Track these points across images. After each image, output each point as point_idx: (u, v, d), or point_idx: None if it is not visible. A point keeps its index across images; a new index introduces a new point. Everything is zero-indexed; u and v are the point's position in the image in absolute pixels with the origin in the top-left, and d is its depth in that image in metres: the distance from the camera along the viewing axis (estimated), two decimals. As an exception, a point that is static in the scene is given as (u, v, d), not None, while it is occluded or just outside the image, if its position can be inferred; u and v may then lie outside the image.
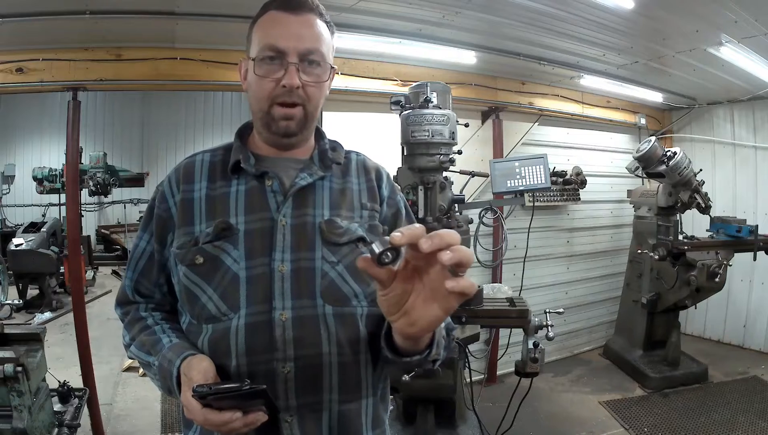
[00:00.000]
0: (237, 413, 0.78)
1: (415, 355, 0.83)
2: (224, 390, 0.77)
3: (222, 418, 0.78)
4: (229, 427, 0.79)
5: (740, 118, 4.74)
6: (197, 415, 0.79)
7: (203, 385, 0.78)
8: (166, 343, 0.92)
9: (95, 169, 6.49)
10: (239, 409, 0.79)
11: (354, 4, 2.55)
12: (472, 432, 2.52)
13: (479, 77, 3.79)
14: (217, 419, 0.78)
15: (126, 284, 1.05)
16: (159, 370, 0.90)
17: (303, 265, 0.91)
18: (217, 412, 0.78)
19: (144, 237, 1.02)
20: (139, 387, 3.72)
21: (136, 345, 0.97)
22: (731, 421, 3.30)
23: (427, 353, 0.84)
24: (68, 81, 2.77)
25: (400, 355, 0.84)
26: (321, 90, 0.96)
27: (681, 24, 2.91)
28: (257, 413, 0.80)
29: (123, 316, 1.05)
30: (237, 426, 0.79)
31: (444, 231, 0.65)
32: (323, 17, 0.97)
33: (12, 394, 1.84)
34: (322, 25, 0.96)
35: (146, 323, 0.99)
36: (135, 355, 0.98)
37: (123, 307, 1.06)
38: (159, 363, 0.90)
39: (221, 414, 0.78)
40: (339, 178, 1.01)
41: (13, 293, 5.22)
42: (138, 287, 1.03)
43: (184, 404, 0.83)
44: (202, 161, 1.01)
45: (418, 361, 0.85)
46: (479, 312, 2.20)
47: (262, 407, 0.80)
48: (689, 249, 3.66)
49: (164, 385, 0.90)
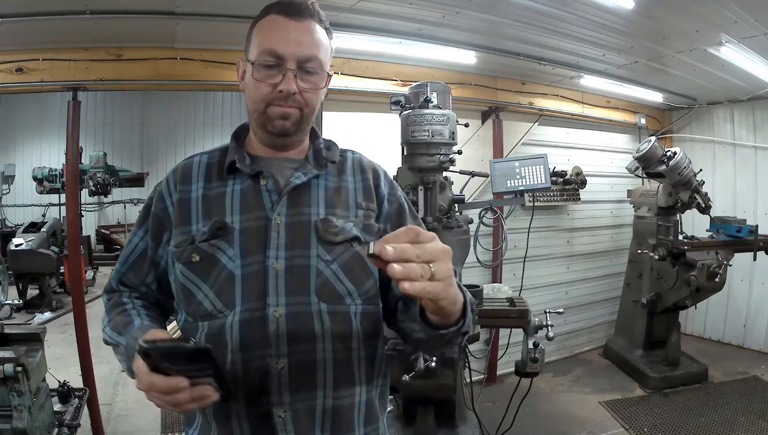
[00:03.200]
0: (183, 381, 0.75)
1: (450, 327, 0.83)
2: (168, 348, 0.74)
3: (168, 383, 0.75)
4: (175, 398, 0.76)
5: (740, 118, 4.74)
6: (144, 380, 0.77)
7: (149, 340, 0.75)
8: (137, 325, 0.93)
9: (95, 169, 6.49)
10: (187, 377, 0.75)
11: (354, 4, 2.55)
12: (472, 432, 2.52)
13: (479, 77, 3.79)
14: (163, 384, 0.75)
15: (113, 275, 1.08)
16: (125, 350, 0.90)
17: (298, 263, 0.92)
18: (164, 377, 0.75)
19: (138, 233, 1.04)
20: (139, 387, 3.72)
21: (110, 326, 0.98)
22: (731, 421, 3.30)
23: (461, 325, 0.84)
24: (68, 81, 2.77)
25: (436, 328, 0.84)
26: (317, 95, 0.98)
27: (681, 24, 2.91)
28: (204, 388, 0.77)
29: (106, 302, 1.07)
30: (183, 398, 0.76)
31: (430, 246, 0.69)
32: (323, 23, 0.98)
33: (12, 394, 1.84)
34: (321, 31, 0.97)
35: (125, 308, 1.01)
36: (108, 336, 0.98)
37: (108, 295, 1.08)
38: (126, 342, 0.91)
39: (167, 379, 0.75)
40: (334, 177, 1.02)
41: (13, 293, 5.22)
42: (123, 280, 1.06)
43: (134, 371, 0.80)
44: (199, 163, 1.03)
45: (452, 334, 0.85)
46: (479, 312, 2.20)
47: (211, 380, 0.77)
48: (689, 249, 3.66)
49: (128, 366, 0.89)
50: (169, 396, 0.76)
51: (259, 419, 0.89)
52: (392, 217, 1.04)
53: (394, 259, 0.66)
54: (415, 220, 1.10)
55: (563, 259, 4.52)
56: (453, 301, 0.77)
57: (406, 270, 0.66)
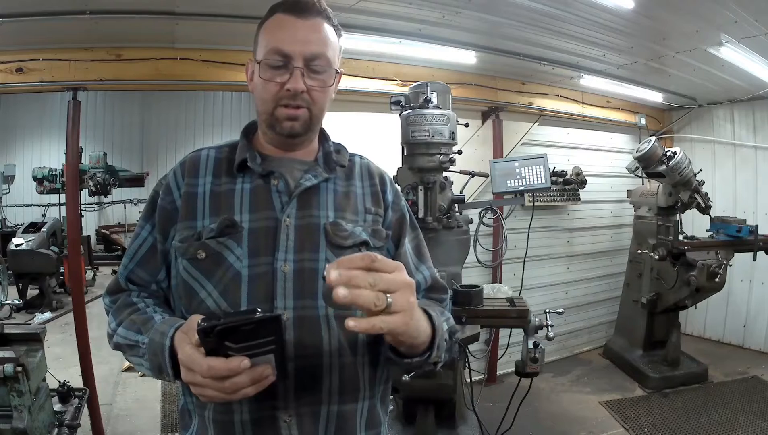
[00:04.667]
0: (246, 361, 0.69)
1: (414, 357, 0.84)
2: (234, 321, 0.67)
3: (229, 366, 0.69)
4: (234, 382, 0.70)
5: (740, 118, 4.74)
6: (201, 365, 0.70)
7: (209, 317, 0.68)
8: (158, 320, 0.88)
9: (95, 169, 6.48)
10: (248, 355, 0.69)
11: (354, 4, 2.55)
12: (472, 432, 2.52)
13: (479, 77, 3.78)
14: (223, 367, 0.69)
15: (120, 272, 1.00)
16: (149, 347, 0.84)
17: (306, 266, 0.91)
18: (223, 359, 0.69)
19: (146, 227, 0.99)
20: (139, 387, 3.72)
21: (124, 326, 0.91)
22: (731, 421, 3.30)
23: (427, 356, 0.84)
24: (68, 81, 2.77)
25: (401, 357, 0.84)
26: (326, 94, 0.96)
27: (681, 24, 2.91)
28: (265, 367, 0.71)
29: (111, 305, 0.99)
30: (243, 382, 0.71)
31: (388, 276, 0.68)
32: (330, 21, 0.97)
33: (12, 394, 1.84)
34: (329, 29, 0.96)
35: (137, 307, 0.94)
36: (122, 337, 0.91)
37: (112, 296, 1.00)
38: (150, 338, 0.84)
39: (228, 361, 0.69)
40: (343, 181, 1.02)
41: (13, 293, 5.21)
42: (131, 277, 0.99)
43: (182, 361, 0.74)
44: (207, 156, 1.01)
45: (417, 363, 0.85)
46: (479, 312, 2.20)
47: (271, 358, 0.71)
48: (689, 249, 3.66)
49: (154, 363, 0.83)
50: (228, 381, 0.70)
51: (262, 424, 0.87)
52: (393, 226, 1.04)
53: (338, 284, 0.64)
54: (415, 230, 1.09)
55: (563, 259, 4.52)
56: (414, 334, 0.76)
57: (352, 295, 0.64)
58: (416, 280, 0.99)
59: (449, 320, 0.99)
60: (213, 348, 0.69)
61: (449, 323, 0.97)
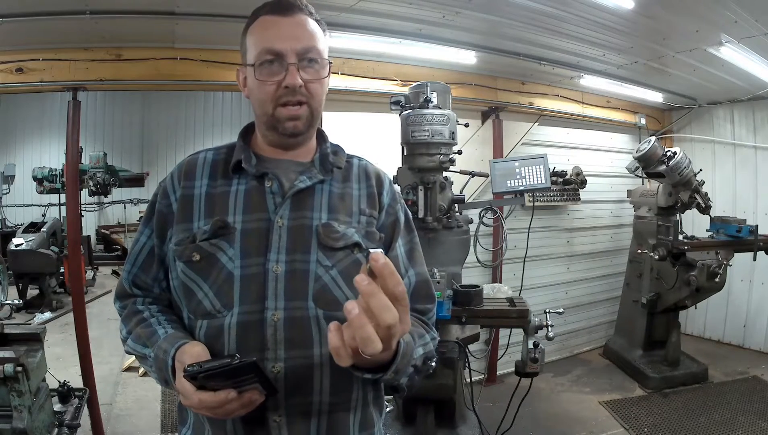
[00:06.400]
0: (232, 392, 0.77)
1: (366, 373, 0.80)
2: (214, 367, 0.76)
3: (217, 399, 0.77)
4: (225, 408, 0.78)
5: (740, 118, 4.74)
6: (192, 399, 0.78)
7: (193, 364, 0.77)
8: (161, 335, 0.92)
9: (95, 169, 6.47)
10: (234, 388, 0.78)
11: (354, 4, 2.55)
12: (472, 432, 2.52)
13: (479, 77, 3.78)
14: (212, 400, 0.77)
15: (124, 277, 1.05)
16: (155, 362, 0.90)
17: (297, 267, 0.91)
18: (212, 393, 0.77)
19: (145, 232, 1.02)
20: (139, 387, 3.72)
21: (132, 338, 0.97)
22: (731, 421, 3.30)
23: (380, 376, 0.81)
24: (68, 81, 2.77)
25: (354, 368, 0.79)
26: (322, 86, 0.97)
27: (681, 24, 2.91)
28: (252, 393, 0.80)
29: (121, 310, 1.05)
30: (233, 408, 0.78)
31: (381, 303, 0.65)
32: (313, 16, 0.98)
33: (12, 394, 1.84)
34: (313, 23, 0.97)
35: (143, 316, 0.99)
36: (132, 348, 0.98)
37: (122, 301, 1.06)
38: (155, 354, 0.90)
39: (216, 395, 0.77)
40: (339, 183, 1.02)
41: (13, 293, 5.21)
42: (135, 281, 1.03)
43: (179, 391, 0.82)
44: (204, 159, 1.02)
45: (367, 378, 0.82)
46: (479, 312, 2.21)
47: (257, 385, 0.79)
48: (689, 249, 3.66)
49: (160, 377, 0.90)
50: (220, 409, 0.78)
51: (253, 423, 0.88)
52: (386, 229, 1.04)
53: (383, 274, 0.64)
54: (411, 234, 1.09)
55: (563, 259, 4.52)
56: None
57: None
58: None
59: (427, 345, 0.96)
60: (202, 385, 0.78)
61: (426, 348, 0.95)
